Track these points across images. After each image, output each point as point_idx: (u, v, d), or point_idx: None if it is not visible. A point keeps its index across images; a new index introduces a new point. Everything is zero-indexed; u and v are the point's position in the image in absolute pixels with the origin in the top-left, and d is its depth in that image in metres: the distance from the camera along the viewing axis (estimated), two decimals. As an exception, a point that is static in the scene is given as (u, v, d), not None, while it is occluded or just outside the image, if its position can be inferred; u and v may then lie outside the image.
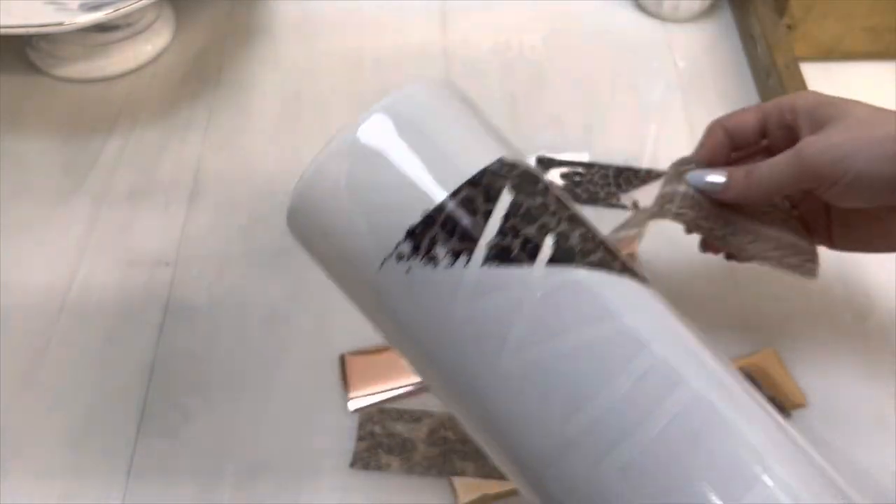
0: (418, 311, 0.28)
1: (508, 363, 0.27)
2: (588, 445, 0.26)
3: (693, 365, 0.28)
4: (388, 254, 0.28)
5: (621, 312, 0.28)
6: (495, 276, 0.27)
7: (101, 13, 0.56)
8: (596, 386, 0.27)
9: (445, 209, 0.28)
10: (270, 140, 0.60)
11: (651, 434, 0.26)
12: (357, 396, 0.46)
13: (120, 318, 0.50)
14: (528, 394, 0.27)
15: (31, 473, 0.43)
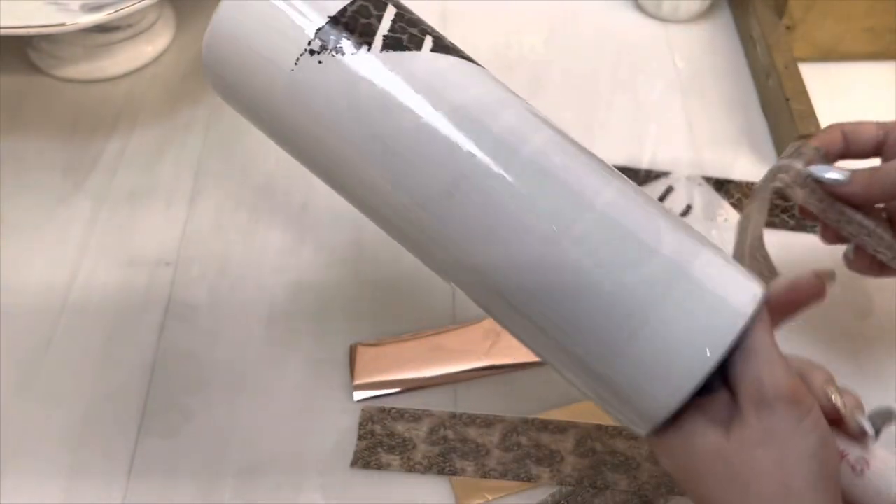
0: (331, 94, 0.33)
1: (408, 122, 0.33)
2: (477, 176, 0.33)
3: (546, 120, 0.36)
4: (301, 52, 0.33)
5: (491, 83, 0.36)
6: (391, 58, 0.33)
7: (102, 14, 0.56)
8: (475, 134, 0.33)
9: (347, 13, 0.34)
10: (271, 140, 0.60)
11: (521, 164, 0.33)
12: (362, 387, 0.46)
13: (120, 318, 0.50)
14: (424, 144, 0.33)
15: (32, 473, 0.44)
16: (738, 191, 0.56)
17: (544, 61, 0.65)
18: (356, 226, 0.55)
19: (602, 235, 0.32)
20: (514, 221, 0.32)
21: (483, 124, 0.33)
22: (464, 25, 0.68)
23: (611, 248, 0.32)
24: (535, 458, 0.43)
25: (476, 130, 0.33)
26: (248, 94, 0.36)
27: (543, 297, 0.32)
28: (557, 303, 0.32)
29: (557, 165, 0.33)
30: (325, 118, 0.34)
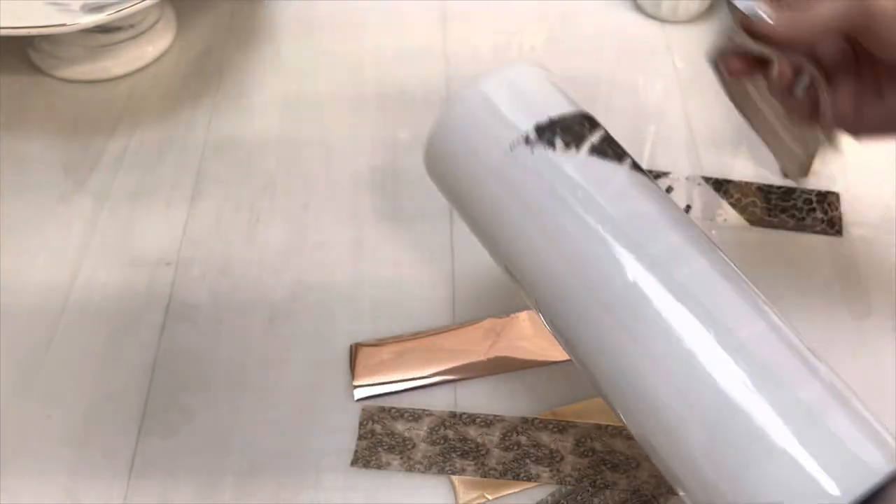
0: (536, 176, 0.37)
1: (610, 209, 0.36)
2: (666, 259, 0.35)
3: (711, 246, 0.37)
4: (518, 139, 0.38)
5: (666, 198, 0.38)
6: (595, 162, 0.37)
7: (103, 14, 0.56)
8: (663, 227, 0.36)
9: (565, 119, 0.39)
10: (271, 140, 0.60)
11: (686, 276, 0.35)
12: (362, 387, 0.46)
13: (121, 318, 0.50)
14: (630, 212, 0.36)
15: (32, 473, 0.44)
16: (737, 191, 0.56)
17: (544, 61, 0.65)
18: (356, 226, 0.55)
19: (749, 360, 0.33)
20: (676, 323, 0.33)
21: (644, 241, 0.35)
22: (464, 25, 0.68)
23: (762, 371, 0.33)
24: (534, 458, 0.43)
25: (637, 244, 0.35)
26: (463, 170, 0.40)
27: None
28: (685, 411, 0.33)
29: (715, 288, 0.35)
30: (525, 194, 0.38)
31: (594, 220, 0.35)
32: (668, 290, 0.34)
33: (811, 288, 0.51)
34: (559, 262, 0.36)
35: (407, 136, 0.60)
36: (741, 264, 0.38)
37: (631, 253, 0.34)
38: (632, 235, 0.35)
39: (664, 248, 0.35)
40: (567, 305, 0.36)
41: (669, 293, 0.33)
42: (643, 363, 0.33)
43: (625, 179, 0.37)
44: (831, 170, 0.57)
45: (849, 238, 0.54)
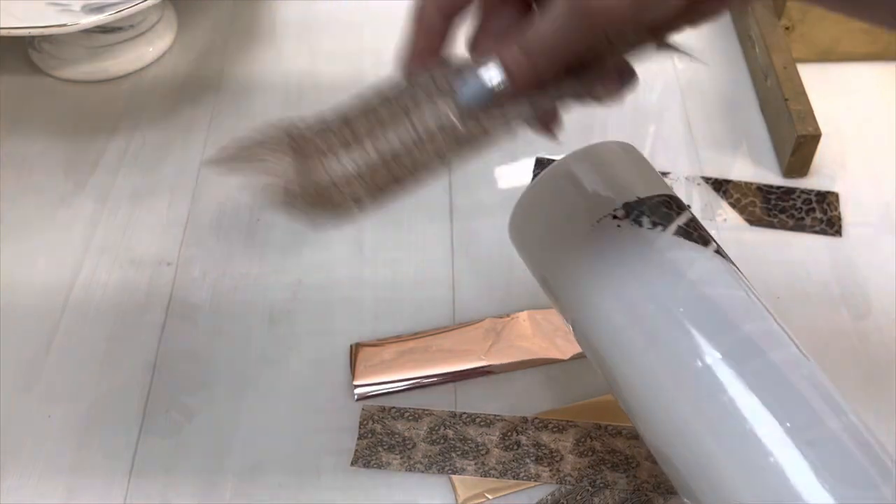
0: (622, 254, 0.37)
1: (684, 294, 0.36)
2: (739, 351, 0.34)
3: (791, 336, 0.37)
4: (605, 214, 0.37)
5: (750, 287, 0.38)
6: (680, 242, 0.37)
7: (103, 15, 0.56)
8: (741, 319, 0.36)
9: (654, 199, 0.38)
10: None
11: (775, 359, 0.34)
12: (362, 386, 0.46)
13: (122, 318, 0.50)
14: (705, 303, 0.36)
15: (33, 473, 0.44)
16: (737, 191, 0.56)
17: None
18: (356, 226, 0.55)
19: (833, 456, 0.32)
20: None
21: (727, 326, 0.35)
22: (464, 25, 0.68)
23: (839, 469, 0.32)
24: (534, 458, 0.43)
25: (715, 331, 0.35)
26: (549, 243, 0.40)
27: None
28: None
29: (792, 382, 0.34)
30: (607, 267, 0.37)
31: (674, 302, 0.35)
32: (741, 378, 0.33)
33: (811, 288, 0.51)
34: (637, 338, 0.36)
35: (407, 136, 0.60)
36: (741, 264, 0.38)
37: (707, 339, 0.34)
38: (709, 321, 0.35)
39: (741, 336, 0.35)
40: (642, 381, 0.36)
41: (742, 381, 0.33)
42: (709, 443, 0.33)
43: (707, 264, 0.37)
44: (831, 170, 0.57)
45: (848, 238, 0.54)
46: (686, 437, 0.34)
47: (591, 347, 0.38)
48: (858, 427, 0.33)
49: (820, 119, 0.56)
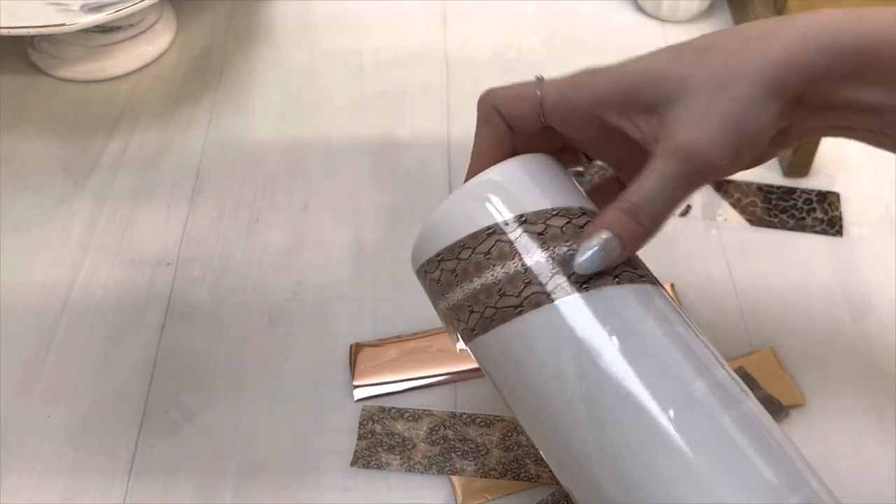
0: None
1: (650, 326, 0.32)
2: (711, 403, 0.31)
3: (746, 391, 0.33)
4: (491, 250, 0.34)
5: (699, 332, 0.34)
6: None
7: (102, 14, 0.56)
8: (711, 366, 0.32)
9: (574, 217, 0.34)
10: (271, 140, 0.60)
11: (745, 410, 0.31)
12: (362, 387, 0.46)
13: (121, 318, 0.50)
14: (664, 354, 0.31)
15: (32, 473, 0.44)
16: (737, 191, 0.56)
17: (544, 61, 0.65)
18: (356, 226, 0.55)
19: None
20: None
21: (698, 369, 0.31)
22: (464, 25, 0.68)
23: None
24: (534, 458, 0.43)
25: (708, 363, 0.32)
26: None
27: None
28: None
29: (751, 447, 0.30)
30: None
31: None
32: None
33: (812, 288, 0.51)
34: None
35: (407, 135, 0.60)
36: (742, 264, 0.38)
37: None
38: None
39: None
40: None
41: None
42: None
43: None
44: (832, 169, 0.57)
45: (849, 238, 0.54)
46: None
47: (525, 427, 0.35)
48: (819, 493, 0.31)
49: (821, 119, 0.55)
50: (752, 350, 0.48)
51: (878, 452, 0.44)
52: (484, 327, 0.34)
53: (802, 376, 0.47)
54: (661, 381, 0.31)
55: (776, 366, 0.47)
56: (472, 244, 0.34)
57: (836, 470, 0.43)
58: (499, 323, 0.33)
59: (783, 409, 0.45)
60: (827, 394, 0.46)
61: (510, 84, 0.36)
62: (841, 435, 0.44)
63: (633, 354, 0.31)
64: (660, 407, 0.30)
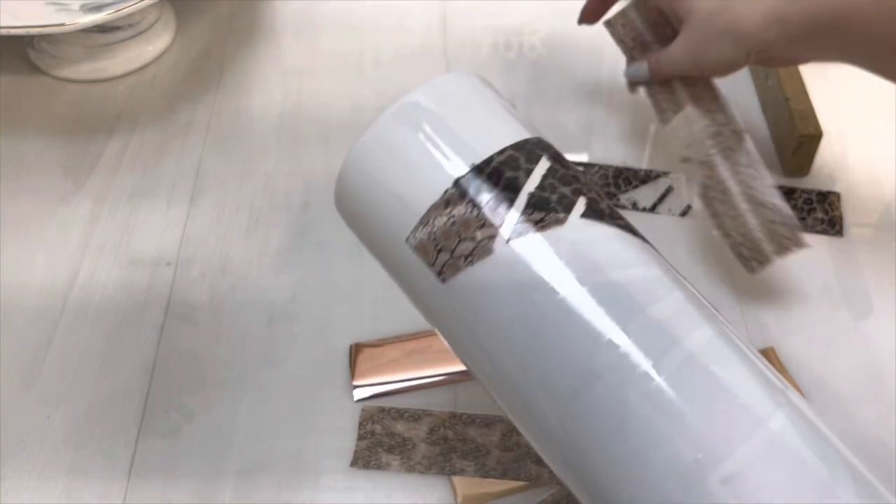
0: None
1: (540, 298, 0.29)
2: (613, 375, 0.28)
3: (706, 313, 0.30)
4: (437, 201, 0.31)
5: (647, 263, 0.31)
6: (534, 218, 0.30)
7: (102, 14, 0.56)
8: (621, 321, 0.29)
9: (492, 163, 0.31)
10: (271, 140, 0.60)
11: (671, 366, 0.28)
12: (362, 387, 0.46)
13: (121, 318, 0.50)
14: (557, 328, 0.29)
15: (32, 473, 0.44)
16: (737, 191, 0.56)
17: (544, 61, 0.65)
18: (356, 226, 0.55)
19: (761, 479, 0.26)
20: (649, 444, 0.27)
21: (629, 311, 0.29)
22: (464, 25, 0.68)
23: (773, 496, 0.26)
24: (534, 458, 0.43)
25: (619, 318, 0.28)
26: (374, 232, 0.34)
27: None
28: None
29: (718, 375, 0.28)
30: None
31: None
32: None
33: (811, 288, 0.51)
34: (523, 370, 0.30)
35: (407, 135, 0.60)
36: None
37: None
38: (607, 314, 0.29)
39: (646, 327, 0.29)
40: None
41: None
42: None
43: (572, 236, 0.30)
44: (832, 170, 0.57)
45: (849, 238, 0.53)
46: (585, 480, 0.29)
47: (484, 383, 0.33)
48: (801, 416, 0.28)
49: (821, 118, 0.55)
50: (753, 350, 0.48)
51: (878, 452, 0.44)
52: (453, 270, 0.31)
53: (803, 377, 0.46)
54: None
55: (778, 366, 0.47)
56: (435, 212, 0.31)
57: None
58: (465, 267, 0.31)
59: (783, 410, 0.45)
60: (828, 394, 0.46)
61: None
62: (841, 435, 0.44)
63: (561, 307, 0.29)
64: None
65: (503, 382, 0.31)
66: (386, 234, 0.33)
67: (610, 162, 0.58)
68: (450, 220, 0.31)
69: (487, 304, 0.30)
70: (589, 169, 0.57)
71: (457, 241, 0.30)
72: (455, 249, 0.30)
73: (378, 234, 0.34)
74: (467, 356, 0.32)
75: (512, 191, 0.30)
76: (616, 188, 0.56)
